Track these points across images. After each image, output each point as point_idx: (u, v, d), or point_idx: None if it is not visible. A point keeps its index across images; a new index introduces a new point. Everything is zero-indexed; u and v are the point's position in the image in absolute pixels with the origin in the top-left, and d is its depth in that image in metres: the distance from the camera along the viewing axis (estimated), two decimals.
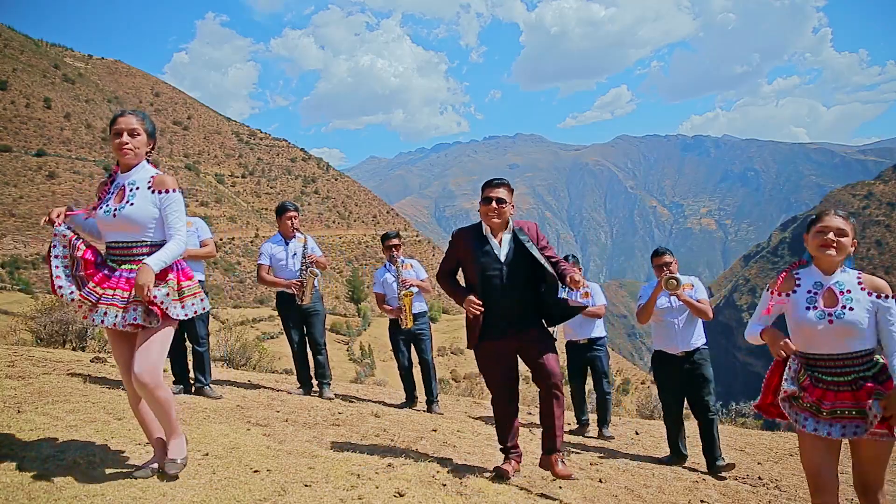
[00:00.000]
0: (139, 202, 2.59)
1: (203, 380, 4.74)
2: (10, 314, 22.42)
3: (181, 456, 2.63)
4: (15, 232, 79.62)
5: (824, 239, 2.47)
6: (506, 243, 3.29)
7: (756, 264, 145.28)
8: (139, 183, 2.64)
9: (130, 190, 2.62)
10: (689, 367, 4.42)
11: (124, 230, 2.59)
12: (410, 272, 5.51)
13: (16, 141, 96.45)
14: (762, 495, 3.82)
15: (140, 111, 2.74)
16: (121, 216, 2.57)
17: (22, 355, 5.26)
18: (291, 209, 5.29)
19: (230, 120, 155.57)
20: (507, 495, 2.93)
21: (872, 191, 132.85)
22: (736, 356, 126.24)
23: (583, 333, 5.50)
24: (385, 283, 5.53)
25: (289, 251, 5.25)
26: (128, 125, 2.63)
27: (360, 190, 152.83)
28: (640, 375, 51.74)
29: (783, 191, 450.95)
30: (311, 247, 5.30)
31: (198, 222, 4.82)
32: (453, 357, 44.33)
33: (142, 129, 2.66)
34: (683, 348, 4.43)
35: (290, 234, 5.29)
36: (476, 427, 4.98)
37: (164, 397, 2.55)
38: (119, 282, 2.54)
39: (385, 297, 5.54)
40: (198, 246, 4.73)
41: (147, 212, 2.59)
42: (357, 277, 73.79)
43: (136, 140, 2.64)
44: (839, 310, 2.42)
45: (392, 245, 5.51)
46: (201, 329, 4.78)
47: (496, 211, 3.25)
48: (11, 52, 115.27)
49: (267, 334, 38.92)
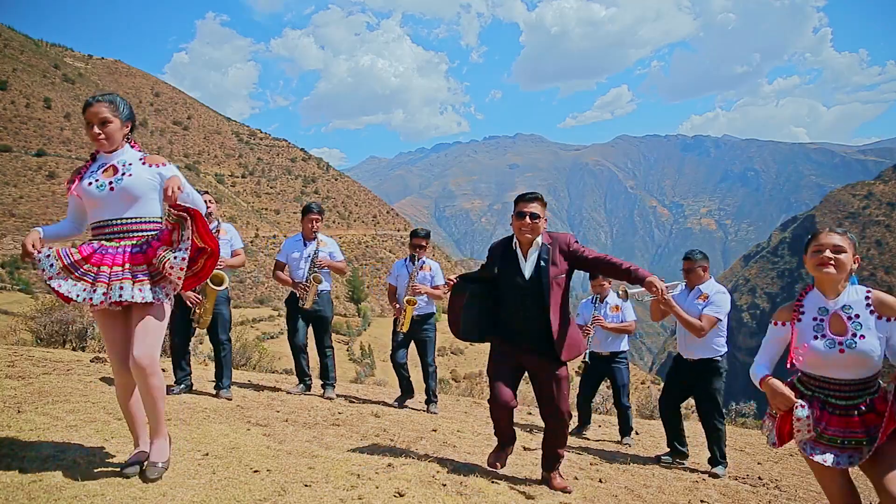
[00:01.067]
0: (137, 173, 2.55)
1: (223, 383, 4.74)
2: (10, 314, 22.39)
3: (163, 459, 2.56)
4: (15, 232, 79.60)
5: (821, 257, 2.36)
6: (532, 261, 3.19)
7: (756, 264, 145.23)
8: (131, 160, 2.59)
9: (124, 165, 2.57)
10: (697, 376, 4.33)
11: (123, 202, 2.52)
12: (427, 275, 5.44)
13: (16, 141, 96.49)
14: (762, 495, 3.82)
15: (111, 95, 2.65)
16: (119, 188, 2.50)
17: (22, 355, 5.26)
18: (315, 211, 5.30)
19: (230, 120, 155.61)
20: (507, 495, 2.93)
21: (872, 191, 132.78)
22: (736, 356, 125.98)
23: (607, 347, 5.39)
24: (399, 277, 5.50)
25: (304, 253, 5.27)
26: (97, 116, 2.55)
27: (360, 190, 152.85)
28: (640, 375, 51.63)
29: (783, 191, 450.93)
30: (330, 252, 5.32)
31: (231, 231, 4.84)
32: (453, 357, 44.34)
33: (113, 115, 2.57)
34: (688, 355, 4.36)
35: (310, 236, 5.30)
36: (476, 427, 4.98)
37: (157, 385, 2.50)
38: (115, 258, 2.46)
39: (396, 290, 5.52)
40: (230, 255, 4.75)
41: (146, 182, 2.55)
42: (357, 277, 73.74)
43: (108, 128, 2.56)
44: (849, 338, 2.28)
45: (419, 245, 5.43)
46: (223, 335, 4.78)
47: (529, 226, 3.15)
48: (11, 52, 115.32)
49: (267, 334, 38.88)
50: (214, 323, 4.71)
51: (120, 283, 2.43)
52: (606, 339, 5.38)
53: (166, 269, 2.47)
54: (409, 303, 5.27)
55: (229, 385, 4.79)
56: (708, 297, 4.26)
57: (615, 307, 5.38)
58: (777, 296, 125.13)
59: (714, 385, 4.29)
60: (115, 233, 2.53)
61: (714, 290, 4.28)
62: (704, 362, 4.30)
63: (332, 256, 5.32)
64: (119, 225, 2.53)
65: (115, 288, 2.42)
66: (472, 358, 45.90)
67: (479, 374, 39.17)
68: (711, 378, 4.29)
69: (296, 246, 5.34)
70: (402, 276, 5.47)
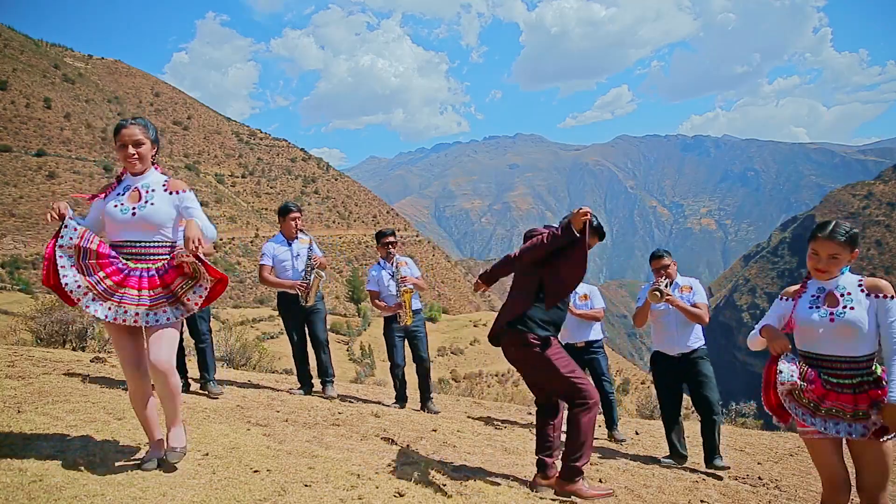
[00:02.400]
0: (159, 202, 2.69)
1: (207, 376, 4.76)
2: (10, 314, 22.41)
3: (181, 444, 2.71)
4: (15, 232, 79.62)
5: (816, 265, 2.58)
6: None
7: (756, 264, 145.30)
8: (154, 185, 2.73)
9: (147, 192, 2.70)
10: (687, 367, 4.41)
11: (142, 229, 2.65)
12: (405, 270, 5.52)
13: (16, 141, 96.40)
14: (762, 495, 3.83)
15: (141, 118, 2.79)
16: (141, 216, 2.64)
17: (22, 355, 5.26)
18: (295, 210, 5.32)
19: (230, 120, 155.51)
20: (507, 495, 2.93)
21: (872, 191, 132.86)
22: (736, 356, 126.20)
23: (580, 336, 5.44)
24: (380, 280, 5.52)
25: (292, 252, 5.26)
26: (131, 137, 2.68)
27: (360, 190, 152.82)
28: (640, 375, 51.70)
29: (783, 191, 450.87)
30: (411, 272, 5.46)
31: None
32: (453, 357, 44.40)
33: (145, 137, 2.72)
34: (680, 350, 4.43)
35: (293, 235, 5.30)
36: (476, 427, 4.98)
37: (176, 384, 2.69)
38: (141, 281, 2.61)
39: (379, 294, 5.54)
40: None
41: (166, 212, 2.69)
42: (357, 277, 73.76)
43: (141, 150, 2.71)
44: (840, 309, 2.50)
45: (389, 242, 5.53)
46: (203, 326, 4.81)
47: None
48: (11, 52, 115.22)
49: (267, 334, 38.93)
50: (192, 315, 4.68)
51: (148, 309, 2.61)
52: (578, 328, 5.40)
53: (187, 298, 2.68)
54: (407, 292, 5.33)
55: (214, 378, 4.80)
56: (691, 287, 4.49)
57: (584, 296, 5.43)
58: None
59: (706, 371, 4.38)
60: (133, 254, 2.66)
61: (691, 281, 4.56)
62: (696, 351, 4.42)
63: (412, 274, 5.50)
64: (138, 247, 2.67)
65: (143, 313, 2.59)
66: (472, 358, 45.95)
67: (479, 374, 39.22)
68: (705, 364, 4.41)
69: (281, 247, 5.30)
70: (382, 278, 5.52)
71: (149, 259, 2.66)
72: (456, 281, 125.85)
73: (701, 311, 4.35)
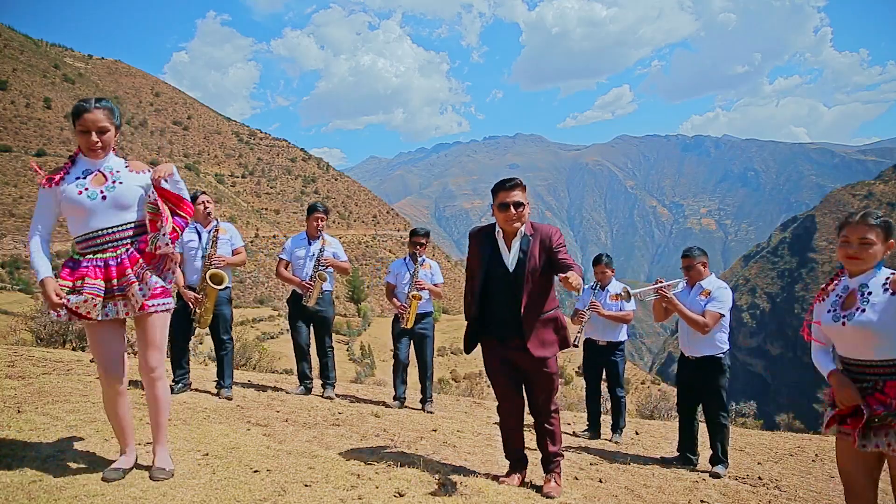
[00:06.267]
0: (127, 181, 2.54)
1: (223, 382, 4.76)
2: (10, 314, 22.40)
3: (170, 466, 2.61)
4: (15, 232, 79.59)
5: (847, 252, 2.40)
6: (515, 251, 3.06)
7: (756, 264, 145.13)
8: (118, 167, 2.57)
9: (111, 173, 2.54)
10: (700, 373, 4.31)
11: (114, 211, 2.49)
12: (427, 272, 5.49)
13: (16, 141, 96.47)
14: (762, 495, 3.82)
15: (106, 100, 2.56)
16: (112, 197, 2.48)
17: (22, 355, 5.26)
18: (320, 210, 5.35)
19: (230, 120, 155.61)
20: (506, 495, 2.93)
21: (872, 191, 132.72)
22: (736, 356, 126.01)
23: (605, 336, 5.32)
24: (399, 275, 5.51)
25: (309, 251, 5.30)
26: (95, 123, 2.48)
27: (360, 190, 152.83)
28: (640, 375, 51.66)
29: (783, 191, 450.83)
30: (333, 251, 5.35)
31: (231, 230, 4.88)
32: (453, 357, 44.33)
33: (110, 124, 2.52)
34: (692, 353, 4.35)
35: (315, 235, 5.34)
36: (476, 427, 4.98)
37: (164, 387, 2.65)
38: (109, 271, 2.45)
39: (395, 288, 5.53)
40: (230, 254, 4.78)
41: (135, 190, 2.55)
42: (357, 277, 73.72)
43: (105, 137, 2.52)
44: (851, 311, 2.36)
45: (419, 243, 5.48)
46: (225, 335, 4.80)
47: (516, 216, 3.00)
48: (11, 52, 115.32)
49: (267, 334, 38.90)
50: (216, 322, 4.73)
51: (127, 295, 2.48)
52: (604, 327, 5.31)
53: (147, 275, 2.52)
54: (415, 297, 5.29)
55: (230, 385, 4.81)
56: (710, 293, 4.24)
57: (615, 296, 5.30)
58: (777, 296, 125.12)
59: (718, 382, 4.26)
60: (106, 242, 2.49)
61: (716, 286, 4.27)
62: (707, 359, 4.28)
63: (336, 256, 5.35)
64: (110, 234, 2.49)
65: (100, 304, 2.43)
66: (472, 358, 45.88)
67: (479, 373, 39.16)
68: (716, 375, 4.26)
69: (300, 244, 5.36)
70: (402, 274, 5.49)
71: (119, 245, 2.49)
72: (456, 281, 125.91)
73: (701, 319, 4.13)
